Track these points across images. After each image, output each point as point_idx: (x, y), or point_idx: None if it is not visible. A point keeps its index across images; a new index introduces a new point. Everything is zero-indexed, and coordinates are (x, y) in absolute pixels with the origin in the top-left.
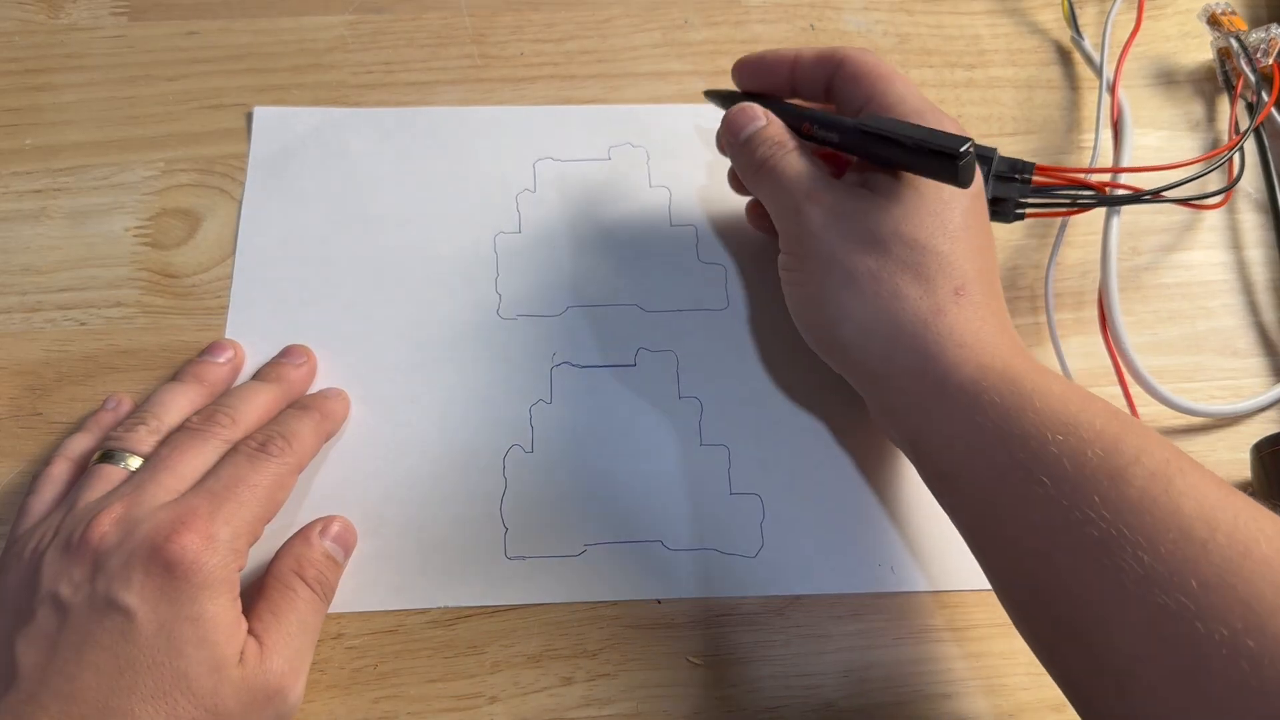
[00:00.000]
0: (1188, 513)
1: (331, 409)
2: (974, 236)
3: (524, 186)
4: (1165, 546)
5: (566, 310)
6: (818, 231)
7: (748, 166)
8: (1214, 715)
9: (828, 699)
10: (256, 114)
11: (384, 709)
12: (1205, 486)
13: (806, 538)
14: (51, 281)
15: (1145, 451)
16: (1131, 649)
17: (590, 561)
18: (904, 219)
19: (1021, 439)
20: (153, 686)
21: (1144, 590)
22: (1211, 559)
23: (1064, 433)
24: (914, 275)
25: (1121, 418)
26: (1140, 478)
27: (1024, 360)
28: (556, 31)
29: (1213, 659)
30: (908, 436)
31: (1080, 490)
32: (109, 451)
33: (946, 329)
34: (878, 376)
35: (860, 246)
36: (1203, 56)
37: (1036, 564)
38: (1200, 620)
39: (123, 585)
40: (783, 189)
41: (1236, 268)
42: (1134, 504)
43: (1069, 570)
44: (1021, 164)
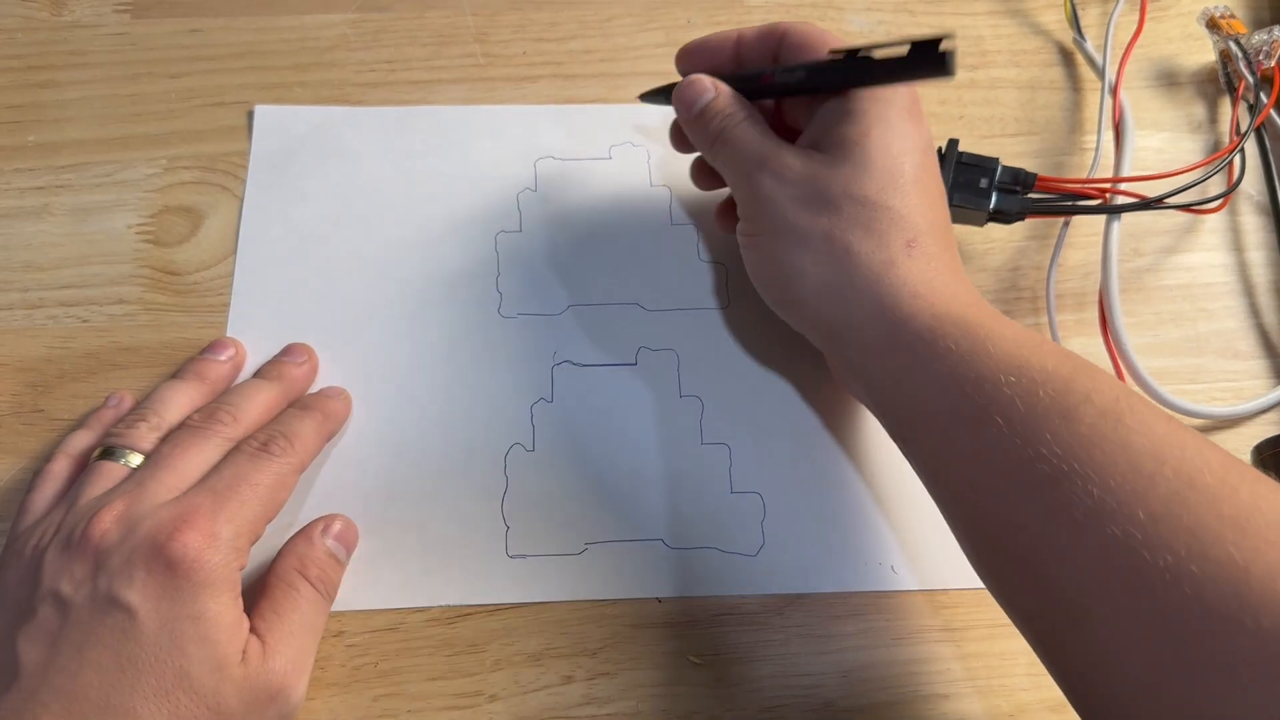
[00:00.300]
0: (1136, 447)
1: (333, 409)
2: (925, 190)
3: (525, 185)
4: (1114, 480)
5: (567, 309)
6: (771, 197)
7: (703, 139)
8: (1161, 637)
9: (827, 699)
10: (257, 112)
11: (384, 706)
12: (1154, 422)
13: (808, 536)
14: (53, 278)
15: (1096, 391)
16: (1082, 579)
17: (591, 560)
18: (853, 179)
19: (976, 382)
20: (155, 685)
21: (1094, 522)
22: (1158, 491)
23: (1016, 375)
24: (865, 231)
25: (1073, 360)
26: (1090, 415)
27: (978, 308)
28: (559, 31)
29: (1158, 585)
30: (868, 388)
31: (1032, 428)
32: (110, 448)
33: (900, 280)
34: (836, 331)
35: (812, 209)
36: (1205, 58)
37: (991, 501)
38: (1147, 549)
39: (124, 583)
40: (736, 158)
41: (1237, 270)
42: (1084, 440)
43: (1022, 506)
44: (1024, 175)
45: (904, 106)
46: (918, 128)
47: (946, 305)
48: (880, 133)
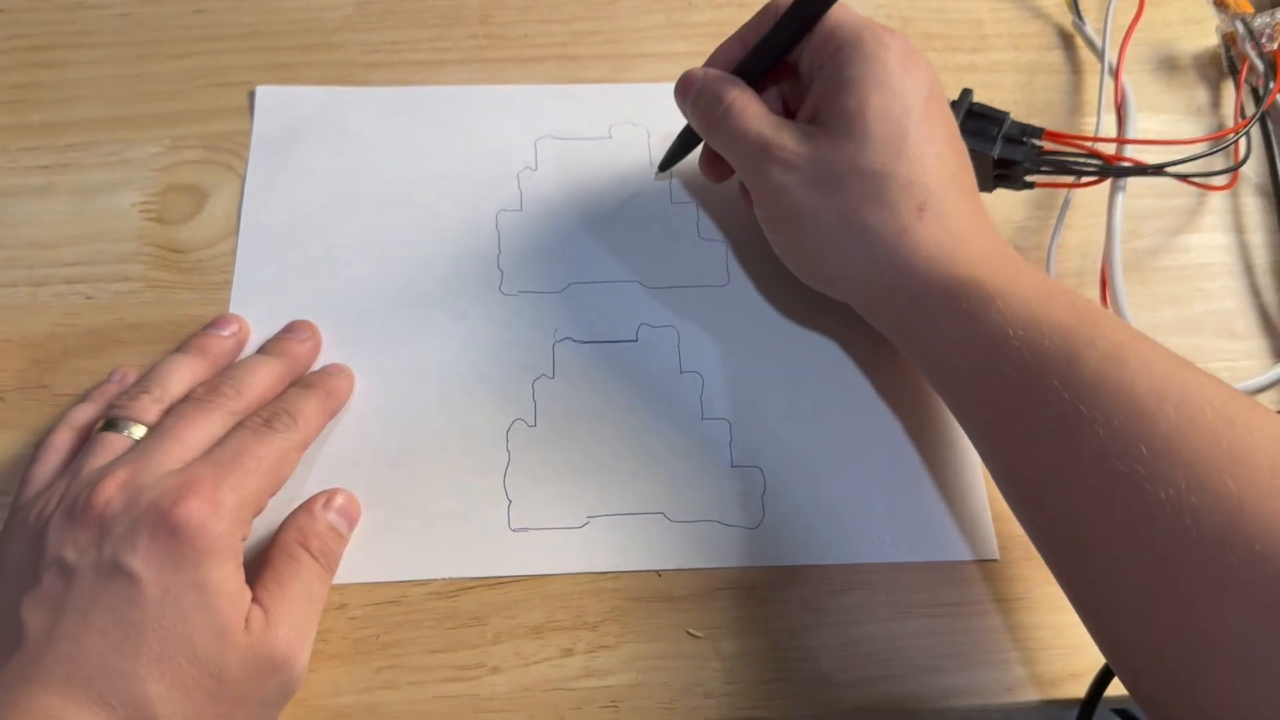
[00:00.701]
0: (1139, 388)
1: (336, 386)
2: (931, 145)
3: (526, 164)
4: (1118, 419)
5: (568, 287)
6: (782, 186)
7: (704, 128)
8: (1162, 566)
9: (825, 671)
10: (259, 93)
11: (386, 678)
12: (1157, 363)
13: (808, 510)
14: (58, 256)
15: (1100, 336)
16: (1090, 511)
17: (592, 533)
18: (858, 153)
19: (987, 338)
20: (157, 650)
21: (1099, 460)
22: (1160, 428)
23: (1024, 328)
24: (876, 203)
25: (1081, 309)
26: (1094, 359)
27: (990, 263)
28: (563, 12)
29: (1159, 517)
30: (899, 346)
31: (1040, 375)
32: (113, 420)
33: (914, 246)
34: (865, 301)
35: (822, 190)
36: (1204, 42)
37: (1008, 444)
38: (1149, 483)
39: (128, 550)
40: (739, 146)
41: (1236, 251)
42: (1089, 384)
43: (1035, 447)
44: (1031, 129)
45: (898, 62)
46: (916, 78)
47: (958, 265)
48: (878, 99)
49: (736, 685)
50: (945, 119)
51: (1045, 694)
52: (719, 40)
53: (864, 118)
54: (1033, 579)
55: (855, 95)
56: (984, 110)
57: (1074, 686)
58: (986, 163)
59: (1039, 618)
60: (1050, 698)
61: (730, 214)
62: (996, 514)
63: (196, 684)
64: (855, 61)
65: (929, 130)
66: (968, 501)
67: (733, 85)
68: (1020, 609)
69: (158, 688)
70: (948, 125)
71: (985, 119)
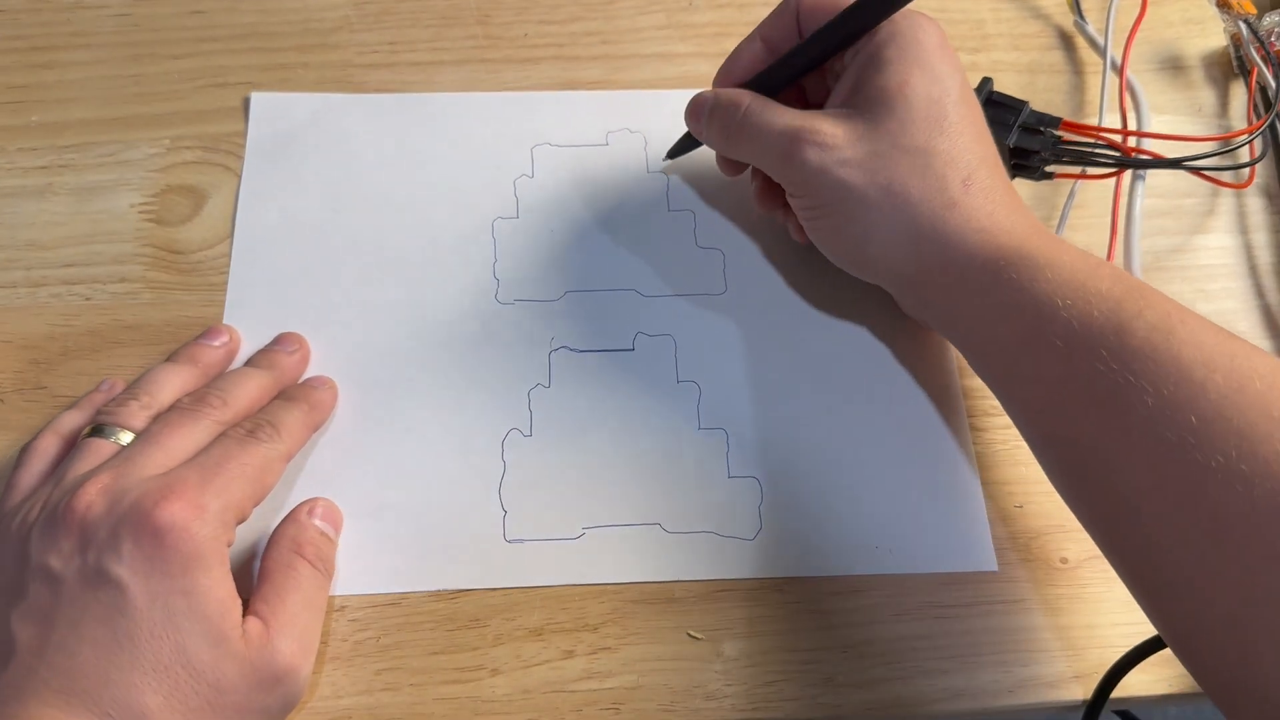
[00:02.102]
0: (1187, 358)
1: (319, 399)
2: (969, 126)
3: (522, 172)
4: (1167, 389)
5: (564, 295)
6: (821, 168)
7: (722, 139)
8: (1214, 533)
9: (827, 674)
10: (254, 99)
11: (386, 680)
12: (1204, 334)
13: (805, 521)
14: (56, 257)
15: (1148, 307)
16: (1140, 481)
17: (589, 544)
18: (900, 130)
19: (1035, 308)
20: (152, 660)
21: (1149, 428)
22: (1209, 396)
23: (1072, 298)
24: (921, 178)
25: (1126, 281)
26: (1143, 330)
27: (1036, 236)
28: (561, 13)
29: (1210, 484)
30: (941, 322)
31: (1089, 345)
32: (100, 426)
33: (962, 219)
34: (908, 278)
35: (867, 169)
36: (1207, 43)
37: (1056, 415)
38: (1199, 451)
39: (113, 557)
40: (765, 142)
41: (1239, 251)
42: (1137, 353)
43: (1084, 417)
44: (1048, 118)
45: (935, 45)
46: (952, 65)
47: (1008, 236)
48: (919, 78)
49: (738, 687)
50: (975, 105)
51: (1048, 696)
52: (719, 40)
53: (905, 95)
54: (1035, 581)
55: (896, 74)
56: (1003, 99)
57: (1077, 688)
58: (1003, 151)
59: (1041, 620)
60: (1053, 700)
61: (728, 222)
62: (990, 515)
63: (195, 693)
64: (893, 42)
65: (967, 112)
66: (966, 512)
67: (742, 95)
68: (1022, 611)
69: (155, 697)
70: (979, 111)
71: (1004, 107)
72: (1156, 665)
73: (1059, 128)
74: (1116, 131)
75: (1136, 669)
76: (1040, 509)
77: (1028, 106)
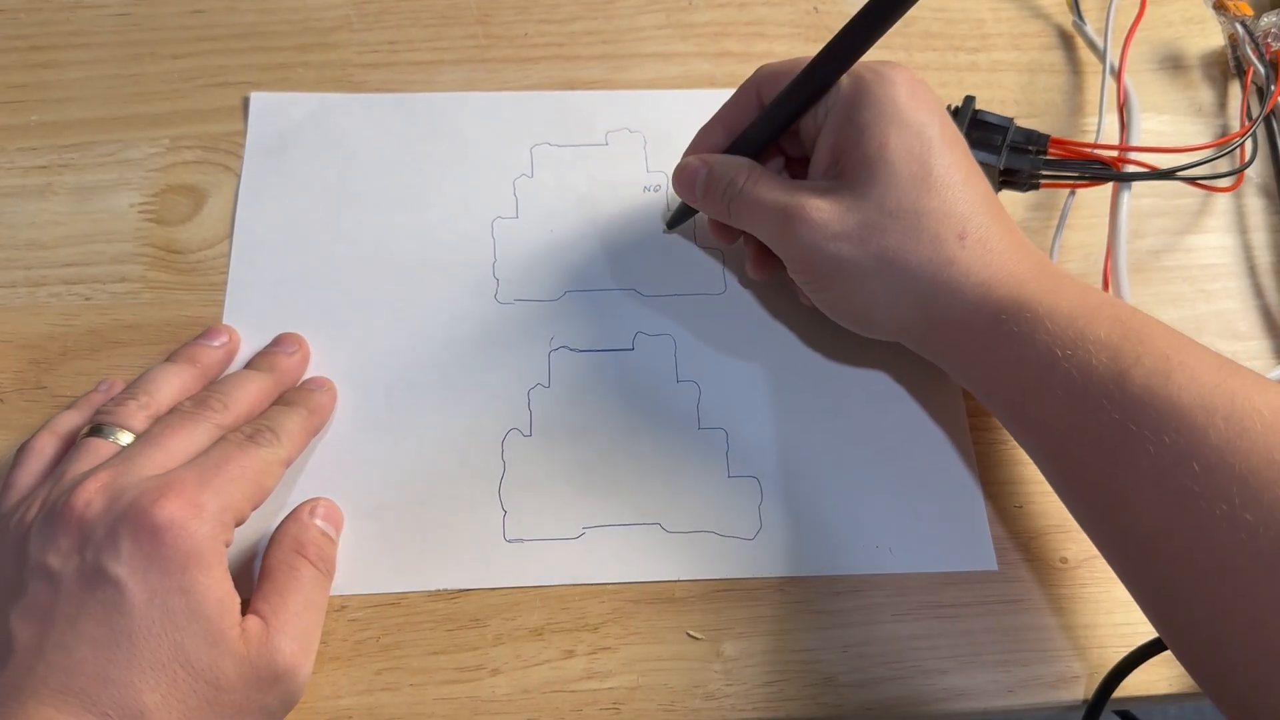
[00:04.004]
0: (1186, 404)
1: (318, 403)
2: (957, 171)
3: (521, 172)
4: (1169, 436)
5: (564, 295)
6: (814, 245)
7: (719, 213)
8: (1223, 578)
9: (828, 673)
10: (253, 99)
11: (386, 680)
12: (1203, 373)
13: (805, 520)
14: (56, 256)
15: (1146, 352)
16: (1151, 526)
17: (589, 544)
18: (887, 195)
19: (1036, 358)
20: (151, 658)
21: (1154, 476)
22: (1210, 442)
23: (1072, 348)
24: (916, 239)
25: (1124, 321)
26: (1141, 376)
27: (1034, 280)
28: (561, 12)
29: (1216, 531)
30: (953, 372)
31: (1091, 394)
32: (98, 425)
33: (961, 274)
34: (917, 338)
35: (858, 241)
36: (1207, 43)
37: (1066, 462)
38: (1204, 499)
39: (111, 555)
40: (760, 218)
41: (1238, 251)
42: (1138, 400)
43: (1092, 464)
44: (1037, 135)
45: (907, 97)
46: (928, 110)
47: (1005, 287)
48: (896, 137)
49: (738, 687)
50: (960, 143)
51: (1048, 696)
52: (719, 40)
53: (885, 159)
54: (1035, 581)
55: (873, 138)
56: (987, 118)
57: (1077, 688)
58: (992, 173)
59: (1041, 620)
60: (1053, 700)
61: None
62: (990, 515)
63: (193, 692)
64: (864, 104)
65: (951, 159)
66: (965, 512)
67: (737, 164)
68: (1022, 611)
69: (154, 696)
70: (964, 149)
71: (989, 128)
72: (1157, 665)
73: (1047, 145)
74: (1104, 147)
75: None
76: (1040, 509)
77: (1013, 124)
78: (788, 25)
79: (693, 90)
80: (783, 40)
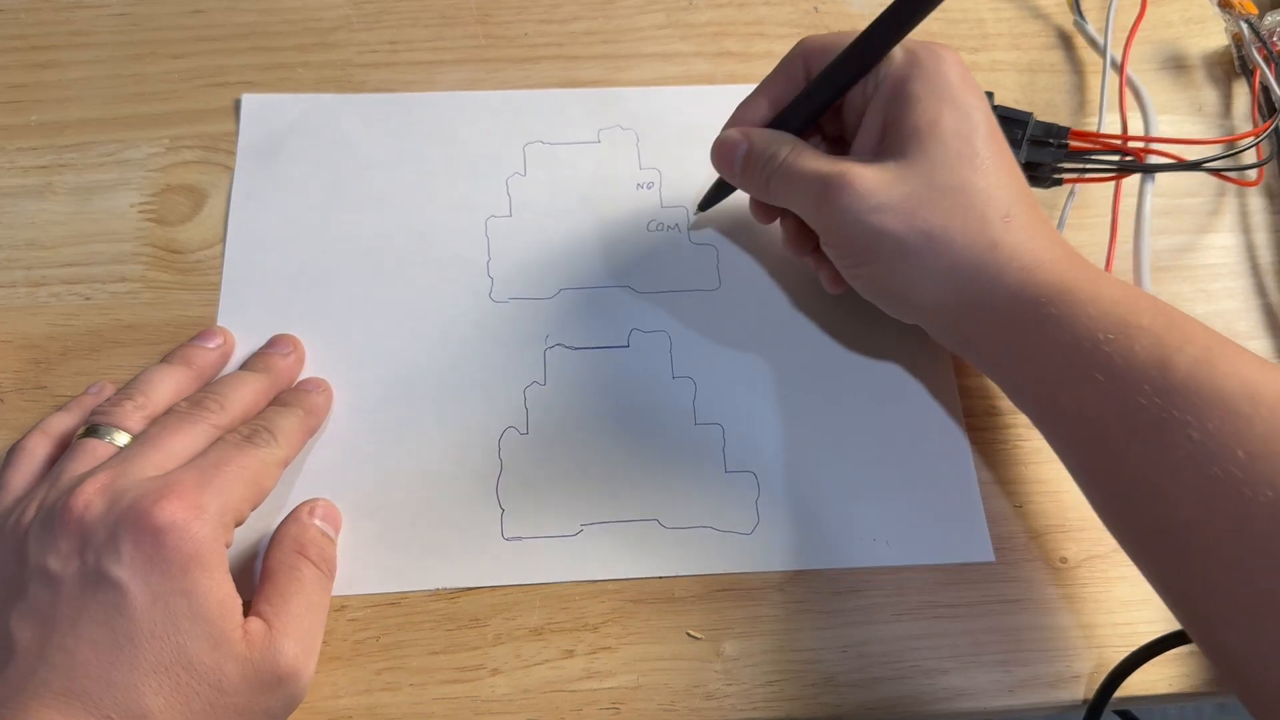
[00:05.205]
0: (1231, 391)
1: (314, 403)
2: (1001, 160)
3: (514, 170)
4: (1212, 423)
5: (559, 293)
6: (857, 217)
7: (758, 188)
8: (1267, 569)
9: (828, 673)
10: (245, 101)
11: (386, 680)
12: (1247, 367)
13: (802, 514)
14: (56, 256)
15: (1189, 341)
16: (1188, 517)
17: (587, 541)
18: (934, 170)
19: (1076, 343)
20: (153, 661)
21: (1195, 464)
22: (1255, 430)
23: (1114, 332)
24: (962, 218)
25: (1166, 313)
26: (1185, 364)
27: (1075, 269)
28: (561, 12)
29: (1259, 519)
30: (981, 357)
31: (1131, 380)
32: (94, 426)
33: (1006, 257)
34: (951, 319)
35: (904, 213)
36: (1207, 42)
37: (1099, 450)
38: (1247, 486)
39: (112, 558)
40: (800, 190)
41: (1240, 251)
42: (1180, 387)
43: (1128, 452)
44: (1056, 128)
45: (959, 79)
46: (977, 97)
47: (1048, 272)
48: (949, 115)
49: (738, 687)
50: (1000, 135)
51: (1048, 696)
52: (718, 40)
53: (937, 134)
54: (1035, 581)
55: (926, 111)
56: (1006, 113)
57: (1077, 688)
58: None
59: (1041, 620)
60: (1053, 700)
61: (721, 218)
62: (990, 515)
63: (196, 694)
64: (918, 78)
65: (996, 145)
66: (962, 504)
67: (780, 139)
68: (1022, 611)
69: (156, 699)
70: (1004, 141)
71: (1009, 122)
72: (1157, 665)
73: (1067, 137)
74: (1123, 137)
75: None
76: (1040, 509)
77: (1032, 118)
78: (788, 25)
79: (685, 86)
80: (782, 40)
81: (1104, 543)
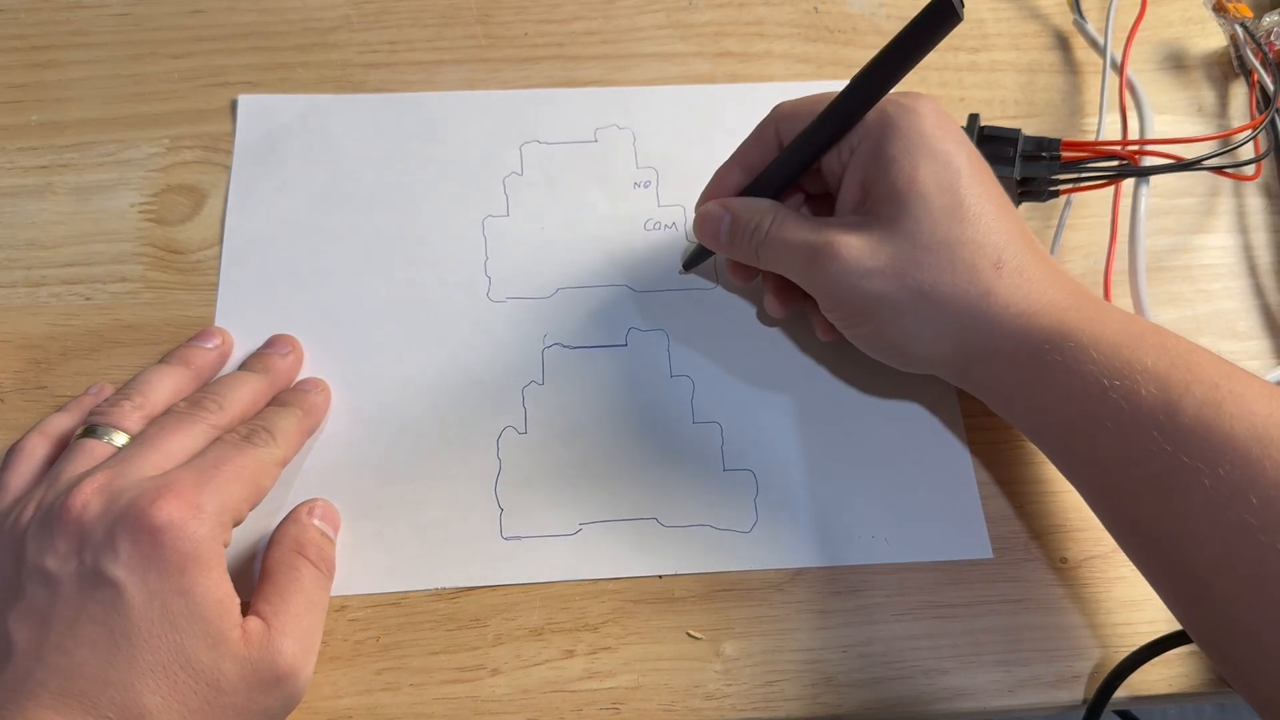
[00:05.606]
0: (1240, 435)
1: (313, 403)
2: (988, 201)
3: (511, 170)
4: (1223, 469)
5: (556, 292)
6: (846, 283)
7: (747, 258)
8: None
9: (828, 673)
10: (241, 102)
11: (386, 680)
12: (1256, 404)
13: (800, 512)
14: (56, 256)
15: (1194, 381)
16: (1207, 561)
17: (586, 540)
18: (918, 228)
19: (1083, 391)
20: (151, 660)
21: (1209, 511)
22: (1267, 474)
23: (1119, 378)
24: (953, 271)
25: (1171, 349)
26: (1192, 407)
27: (1075, 309)
28: (561, 12)
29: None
30: (993, 403)
31: (1139, 427)
32: (92, 426)
33: (1000, 305)
34: (957, 370)
35: (893, 276)
36: (1207, 42)
37: (1114, 497)
38: (1263, 533)
39: (110, 557)
40: (788, 260)
41: (1239, 251)
42: (1189, 432)
43: (1143, 498)
44: (1047, 141)
45: (934, 128)
46: (955, 140)
47: (1047, 316)
48: (926, 168)
49: (737, 687)
50: (987, 172)
51: (1048, 696)
52: (718, 40)
53: (916, 191)
54: (1035, 581)
55: (903, 170)
56: (995, 132)
57: (1077, 688)
58: (1010, 185)
59: (1042, 620)
60: (1053, 700)
61: None
62: (990, 515)
63: (194, 694)
64: (891, 138)
65: (981, 188)
66: (960, 502)
67: (761, 207)
68: (1023, 611)
69: (154, 698)
70: (992, 178)
71: (999, 141)
72: (1157, 665)
73: (1058, 149)
74: (1115, 142)
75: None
76: (1040, 509)
77: (1021, 134)
78: (788, 25)
79: (681, 86)
80: (782, 40)
81: (1104, 543)
